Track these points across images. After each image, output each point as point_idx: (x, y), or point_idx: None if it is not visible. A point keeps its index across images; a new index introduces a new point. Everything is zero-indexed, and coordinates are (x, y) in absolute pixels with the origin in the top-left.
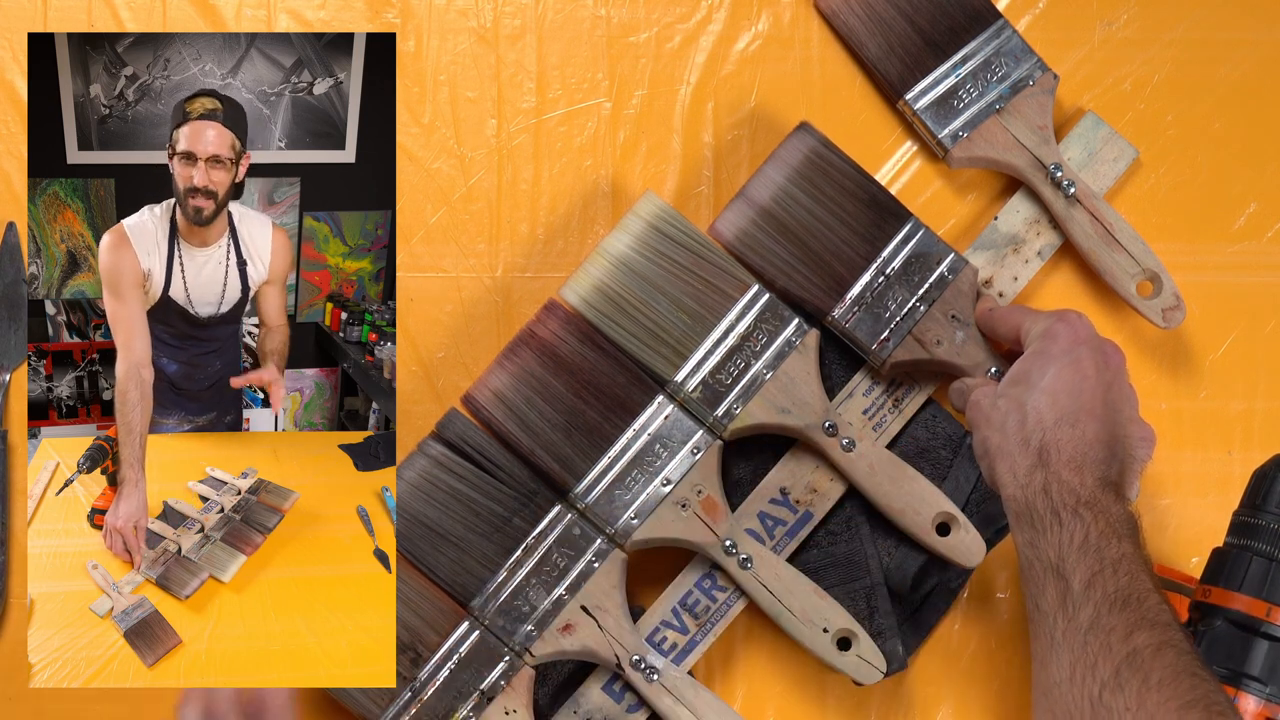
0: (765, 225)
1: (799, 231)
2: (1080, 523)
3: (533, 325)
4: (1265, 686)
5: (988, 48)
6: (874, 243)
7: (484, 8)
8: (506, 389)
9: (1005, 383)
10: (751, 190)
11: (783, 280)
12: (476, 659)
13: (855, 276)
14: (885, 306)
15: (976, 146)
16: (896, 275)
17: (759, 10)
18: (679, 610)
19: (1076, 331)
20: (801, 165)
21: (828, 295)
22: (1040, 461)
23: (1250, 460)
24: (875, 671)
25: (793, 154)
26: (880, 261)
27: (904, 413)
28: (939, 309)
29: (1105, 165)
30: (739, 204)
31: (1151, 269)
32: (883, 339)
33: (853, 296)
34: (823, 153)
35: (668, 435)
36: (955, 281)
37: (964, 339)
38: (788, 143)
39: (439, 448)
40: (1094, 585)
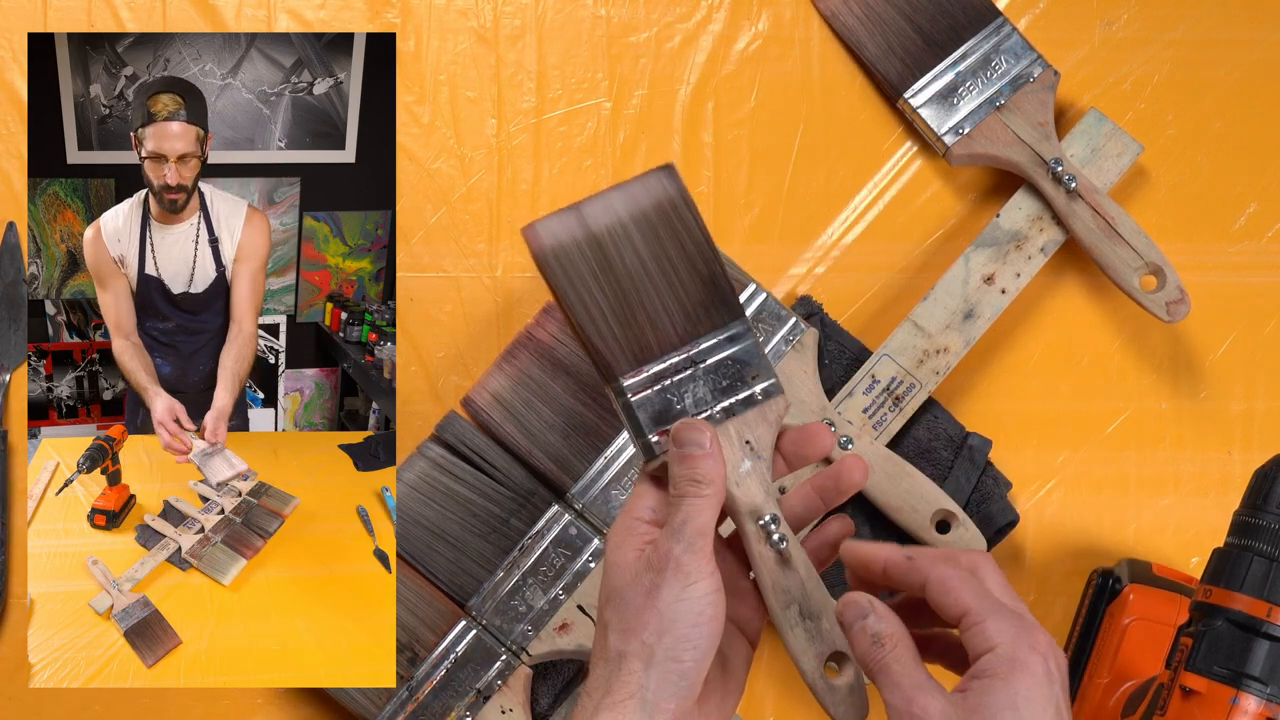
0: (590, 254)
1: (621, 276)
2: None
3: (531, 328)
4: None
5: (987, 45)
6: (696, 325)
7: (484, 8)
8: (505, 391)
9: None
10: (588, 210)
11: (585, 321)
12: (473, 658)
13: (664, 351)
14: (681, 398)
15: (977, 143)
16: (707, 370)
17: (759, 10)
18: None
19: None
20: (652, 210)
21: (626, 359)
22: None
23: (1250, 460)
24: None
25: (649, 193)
26: (697, 351)
27: (904, 411)
28: (735, 427)
29: (1109, 161)
30: (569, 218)
31: (1155, 262)
32: (663, 431)
33: (651, 372)
34: (680, 209)
35: None
36: (763, 406)
37: (748, 470)
38: (648, 179)
39: (437, 450)
40: None
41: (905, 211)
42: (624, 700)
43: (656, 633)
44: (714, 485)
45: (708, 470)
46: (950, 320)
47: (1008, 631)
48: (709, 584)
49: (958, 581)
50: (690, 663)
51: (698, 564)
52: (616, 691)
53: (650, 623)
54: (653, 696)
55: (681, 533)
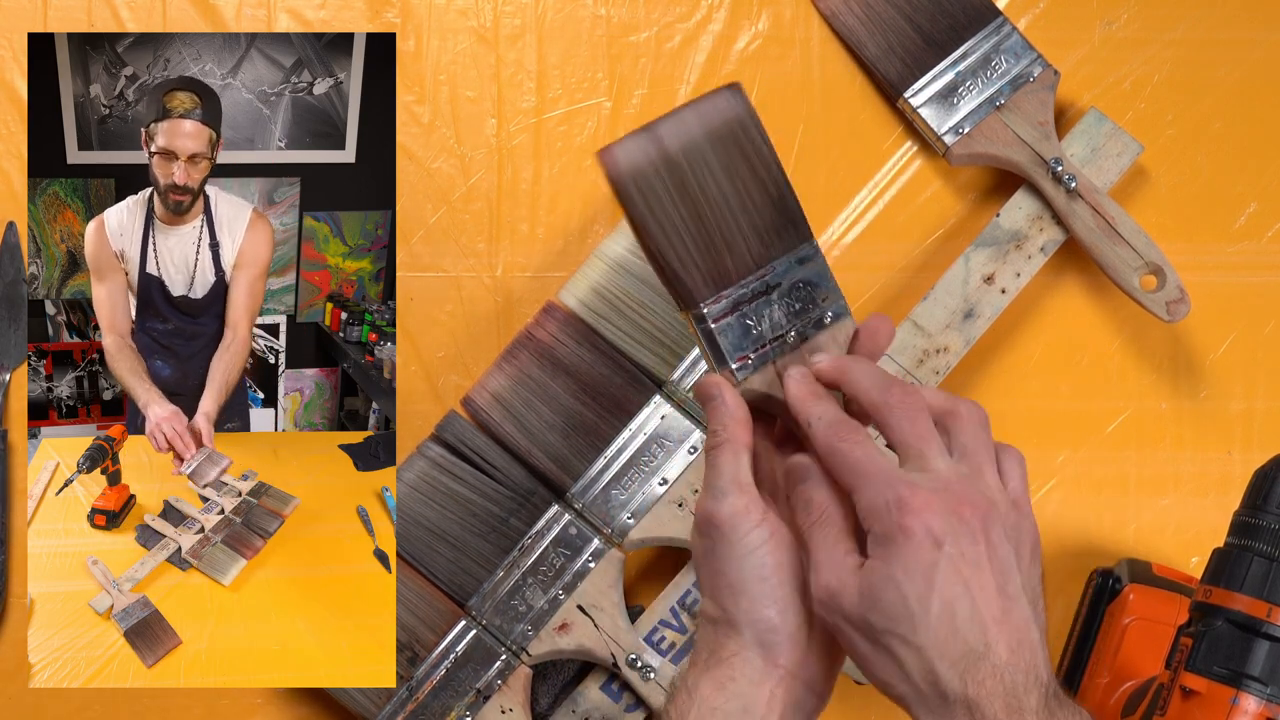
0: (666, 176)
1: (699, 198)
2: None
3: (531, 328)
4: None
5: (987, 45)
6: (770, 248)
7: (484, 8)
8: (505, 391)
9: (870, 609)
10: (663, 131)
11: (663, 244)
12: (473, 658)
13: (741, 275)
14: (759, 322)
15: (977, 143)
16: (782, 293)
17: (759, 10)
18: (677, 610)
19: (926, 504)
20: (724, 129)
21: (706, 284)
22: (973, 714)
23: (1250, 460)
24: None
25: (719, 113)
26: (771, 271)
27: None
28: (807, 349)
29: (1109, 160)
30: (644, 140)
31: (1155, 262)
32: (743, 357)
33: (731, 298)
34: (750, 128)
35: (665, 435)
36: (833, 328)
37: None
38: (717, 98)
39: (437, 449)
40: None
41: (905, 211)
42: (730, 658)
43: (732, 597)
44: (730, 431)
45: (723, 418)
46: (950, 320)
47: (878, 506)
48: (759, 535)
49: (839, 457)
50: (777, 615)
51: (739, 518)
52: (721, 650)
53: (722, 588)
54: (758, 658)
55: (714, 489)
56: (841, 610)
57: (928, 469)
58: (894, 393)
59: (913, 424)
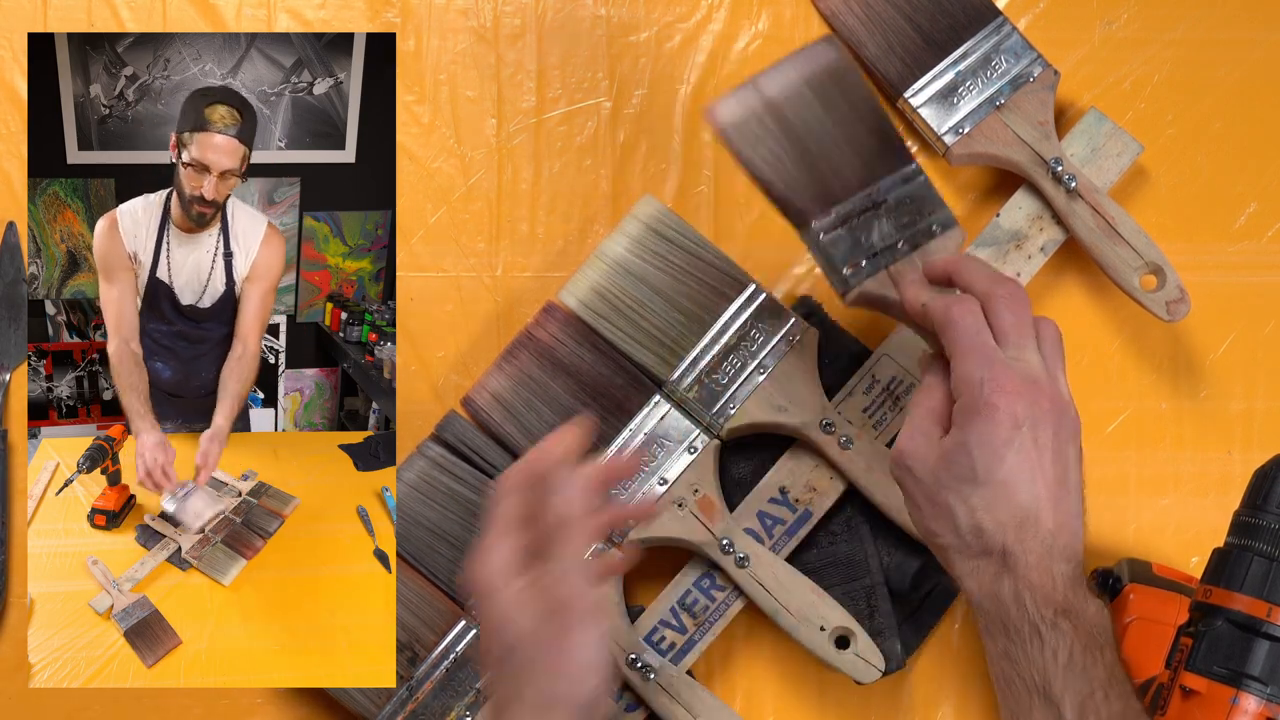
0: (767, 119)
1: (802, 133)
2: (1062, 637)
3: (531, 328)
4: (1266, 687)
5: (987, 44)
6: (873, 170)
7: (484, 8)
8: (505, 391)
9: (943, 468)
10: (762, 82)
11: (771, 178)
12: (473, 658)
13: (847, 195)
14: (869, 234)
15: (977, 143)
16: (889, 209)
17: (759, 10)
18: (677, 610)
19: (1017, 388)
20: (820, 72)
21: (814, 203)
22: (1005, 567)
23: (1250, 460)
24: (874, 670)
25: (816, 59)
26: (876, 190)
27: (903, 410)
28: (919, 256)
29: (1109, 160)
30: (745, 92)
31: (1154, 262)
32: (856, 263)
33: (840, 212)
34: (846, 70)
35: (665, 435)
36: (941, 237)
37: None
38: (812, 48)
39: (437, 449)
40: (1086, 711)
41: None
42: None
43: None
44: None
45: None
46: None
47: (973, 378)
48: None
49: (951, 327)
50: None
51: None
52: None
53: None
54: None
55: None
56: (911, 470)
57: (1022, 359)
58: (1005, 285)
59: (1016, 315)
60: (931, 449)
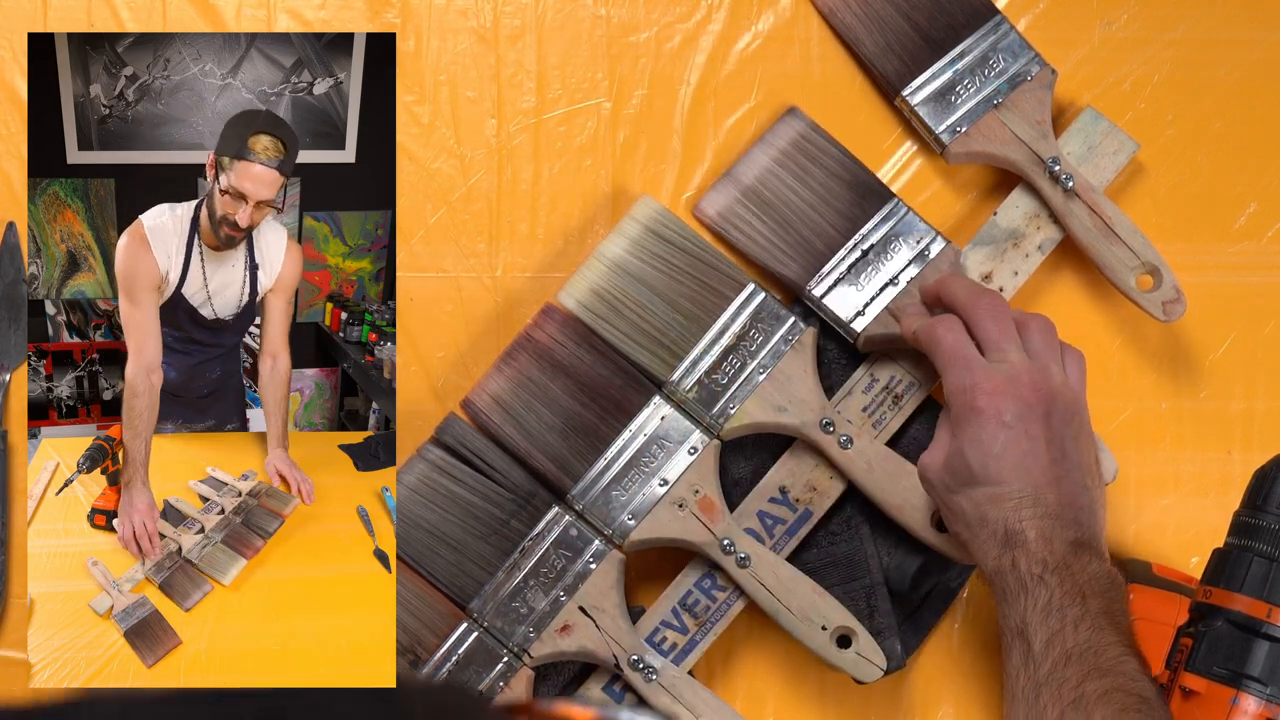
0: (748, 203)
1: (781, 209)
2: (1045, 588)
3: (530, 329)
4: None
5: (985, 43)
6: (855, 221)
7: (484, 8)
8: (504, 393)
9: (948, 474)
10: (737, 170)
11: (763, 256)
12: (475, 660)
13: (834, 250)
14: (861, 283)
15: (974, 141)
16: (875, 251)
17: (759, 10)
18: (679, 610)
19: (997, 386)
20: (788, 147)
21: (805, 271)
22: (1008, 543)
23: (1250, 460)
24: (875, 669)
25: (780, 136)
26: (859, 237)
27: (904, 410)
28: (916, 286)
29: (1105, 159)
30: (724, 183)
31: (1151, 262)
32: (856, 312)
33: (829, 270)
34: (810, 135)
35: (665, 436)
36: (935, 260)
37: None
38: (776, 126)
39: (437, 452)
40: (1053, 644)
41: None
42: None
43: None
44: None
45: None
46: None
47: (958, 386)
48: None
49: (935, 345)
50: None
51: None
52: None
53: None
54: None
55: None
56: (929, 481)
57: (1006, 360)
58: (984, 296)
59: (996, 323)
60: (940, 458)
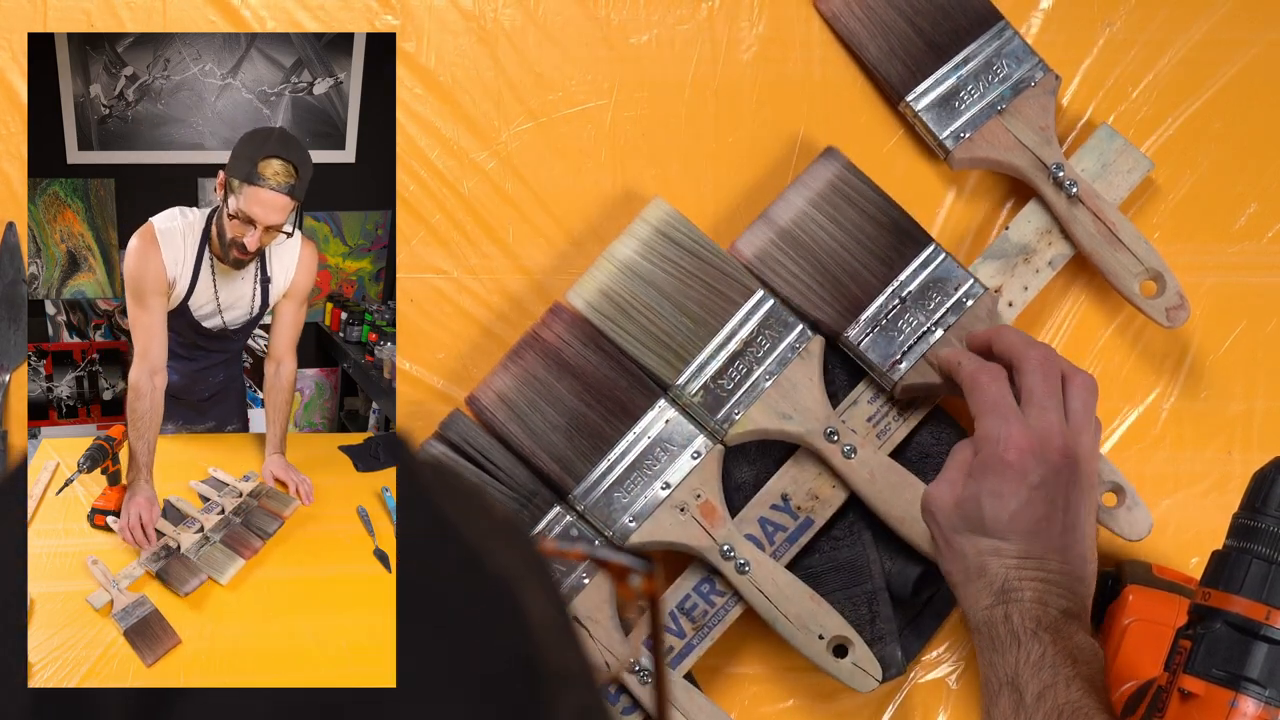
0: (784, 246)
1: (817, 253)
2: (1039, 643)
3: (538, 328)
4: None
5: (989, 49)
6: (892, 266)
7: (484, 8)
8: (510, 391)
9: (957, 516)
10: (773, 212)
11: (799, 299)
12: None
13: (871, 298)
14: (899, 329)
15: (978, 147)
16: (913, 298)
17: (759, 12)
18: (677, 614)
19: (1031, 446)
20: (824, 189)
21: (842, 316)
22: (1003, 597)
23: (1250, 460)
24: (870, 679)
25: (816, 178)
26: (897, 284)
27: (908, 420)
28: (954, 334)
29: (1119, 176)
30: (760, 225)
31: (1155, 268)
32: (894, 360)
33: (867, 317)
34: (847, 177)
35: (668, 439)
36: (973, 308)
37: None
38: (813, 167)
39: (441, 448)
40: (1045, 697)
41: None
42: None
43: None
44: None
45: None
46: None
47: (991, 435)
48: None
49: (977, 389)
50: None
51: None
52: None
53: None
54: None
55: None
56: (933, 515)
57: (1044, 419)
58: (1036, 349)
59: (1044, 380)
60: (952, 496)
